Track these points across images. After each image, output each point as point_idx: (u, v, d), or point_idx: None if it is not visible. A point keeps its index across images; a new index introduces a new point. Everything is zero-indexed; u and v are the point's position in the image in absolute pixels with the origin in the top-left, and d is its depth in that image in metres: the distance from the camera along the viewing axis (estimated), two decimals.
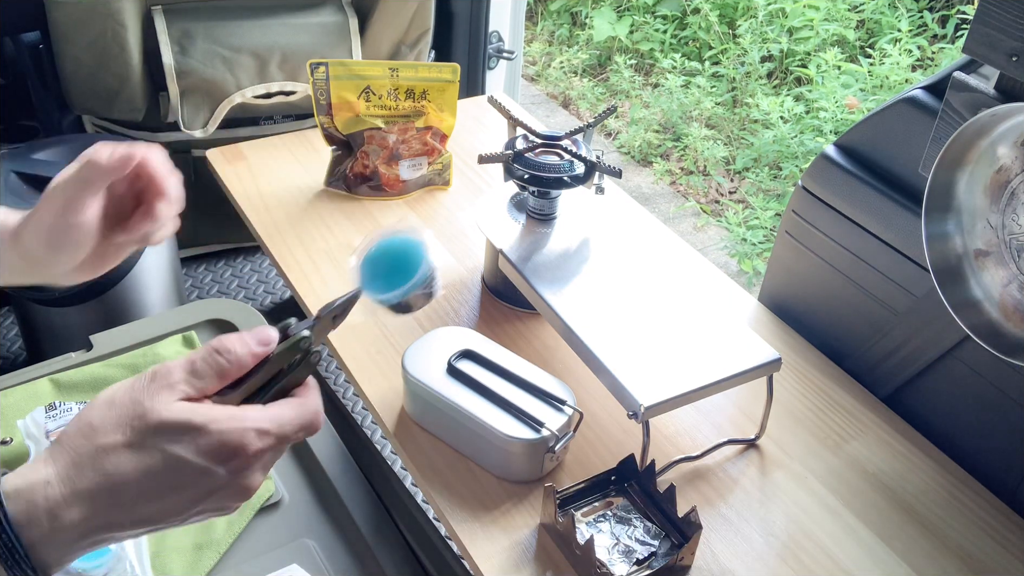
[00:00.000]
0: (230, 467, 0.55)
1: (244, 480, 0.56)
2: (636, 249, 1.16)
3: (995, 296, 0.95)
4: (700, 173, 3.29)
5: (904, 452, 1.10)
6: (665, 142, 3.44)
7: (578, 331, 1.03)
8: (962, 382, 1.09)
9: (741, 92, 3.49)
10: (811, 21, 3.48)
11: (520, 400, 1.01)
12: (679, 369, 1.00)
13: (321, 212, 1.45)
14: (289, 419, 0.58)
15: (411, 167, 1.48)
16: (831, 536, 0.99)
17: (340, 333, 1.21)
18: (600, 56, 3.95)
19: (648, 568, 0.93)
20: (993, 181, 0.93)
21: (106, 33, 1.79)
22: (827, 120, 3.09)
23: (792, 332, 1.27)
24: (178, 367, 0.56)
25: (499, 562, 0.94)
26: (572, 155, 1.17)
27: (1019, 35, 0.89)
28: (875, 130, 1.15)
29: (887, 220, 1.13)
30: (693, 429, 1.10)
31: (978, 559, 0.98)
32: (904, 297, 1.13)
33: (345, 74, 1.41)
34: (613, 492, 1.01)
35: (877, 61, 3.28)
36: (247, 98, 1.93)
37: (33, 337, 1.84)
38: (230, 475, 0.55)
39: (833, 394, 1.18)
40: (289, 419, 0.58)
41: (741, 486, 1.04)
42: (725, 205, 3.13)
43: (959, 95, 0.97)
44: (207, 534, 0.97)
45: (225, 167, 1.54)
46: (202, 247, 2.28)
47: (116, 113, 1.93)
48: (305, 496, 1.04)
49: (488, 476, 1.03)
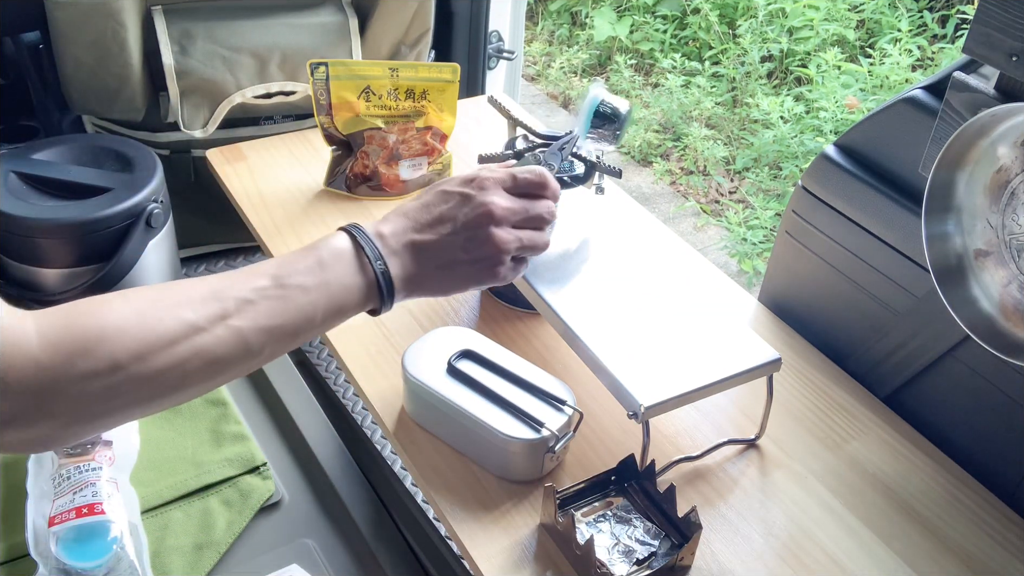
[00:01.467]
0: (471, 184, 0.81)
1: (485, 206, 0.79)
2: (636, 249, 1.16)
3: (995, 296, 0.95)
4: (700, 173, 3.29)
5: (904, 452, 1.10)
6: (665, 142, 3.44)
7: (578, 331, 1.03)
8: (962, 382, 1.09)
9: (741, 92, 3.49)
10: (811, 21, 3.48)
11: (520, 400, 1.01)
12: (679, 369, 1.00)
13: (321, 212, 1.45)
14: (513, 168, 0.85)
15: (411, 167, 1.48)
16: (831, 536, 0.99)
17: (340, 333, 1.21)
18: (600, 56, 3.95)
19: (648, 568, 0.93)
20: (993, 181, 0.93)
21: (106, 33, 1.79)
22: (827, 120, 3.09)
23: (792, 332, 1.27)
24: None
25: (499, 562, 0.94)
26: (572, 155, 1.17)
27: (1019, 35, 0.89)
28: (875, 130, 1.15)
29: (887, 220, 1.13)
30: (693, 429, 1.10)
31: (978, 559, 0.98)
32: (904, 297, 1.13)
33: (345, 74, 1.41)
34: (613, 492, 1.01)
35: (877, 61, 3.28)
36: (247, 98, 1.93)
37: None
38: (472, 195, 0.80)
39: (833, 394, 1.18)
40: (513, 168, 0.85)
41: (741, 486, 1.04)
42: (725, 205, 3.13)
43: (959, 95, 0.97)
44: (207, 534, 0.97)
45: (225, 167, 1.54)
46: (202, 247, 2.27)
47: (116, 113, 1.93)
48: (305, 496, 1.04)
49: (488, 476, 1.03)
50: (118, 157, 1.75)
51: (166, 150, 2.02)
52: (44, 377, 0.61)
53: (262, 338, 0.69)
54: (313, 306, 0.72)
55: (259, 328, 0.69)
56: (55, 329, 0.63)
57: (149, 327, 0.65)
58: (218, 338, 0.67)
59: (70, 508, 0.91)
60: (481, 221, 0.79)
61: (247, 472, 1.03)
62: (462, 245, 0.79)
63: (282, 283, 0.71)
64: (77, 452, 0.97)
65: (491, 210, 0.80)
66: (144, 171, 1.72)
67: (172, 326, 0.66)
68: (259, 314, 0.69)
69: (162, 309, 0.66)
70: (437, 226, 0.79)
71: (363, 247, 0.76)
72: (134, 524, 0.94)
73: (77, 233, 1.63)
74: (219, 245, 2.30)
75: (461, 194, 0.80)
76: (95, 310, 0.65)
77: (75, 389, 0.62)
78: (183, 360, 0.66)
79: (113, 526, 0.90)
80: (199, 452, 1.04)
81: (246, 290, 0.69)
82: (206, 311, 0.67)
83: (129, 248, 1.67)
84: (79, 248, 1.65)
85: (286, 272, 0.72)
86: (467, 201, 0.80)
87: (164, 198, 1.74)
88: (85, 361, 0.62)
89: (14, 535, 0.95)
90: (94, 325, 0.64)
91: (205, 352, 0.67)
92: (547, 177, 0.85)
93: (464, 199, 0.80)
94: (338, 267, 0.74)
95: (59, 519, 0.90)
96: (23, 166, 1.68)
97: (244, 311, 0.68)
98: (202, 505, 1.00)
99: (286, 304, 0.70)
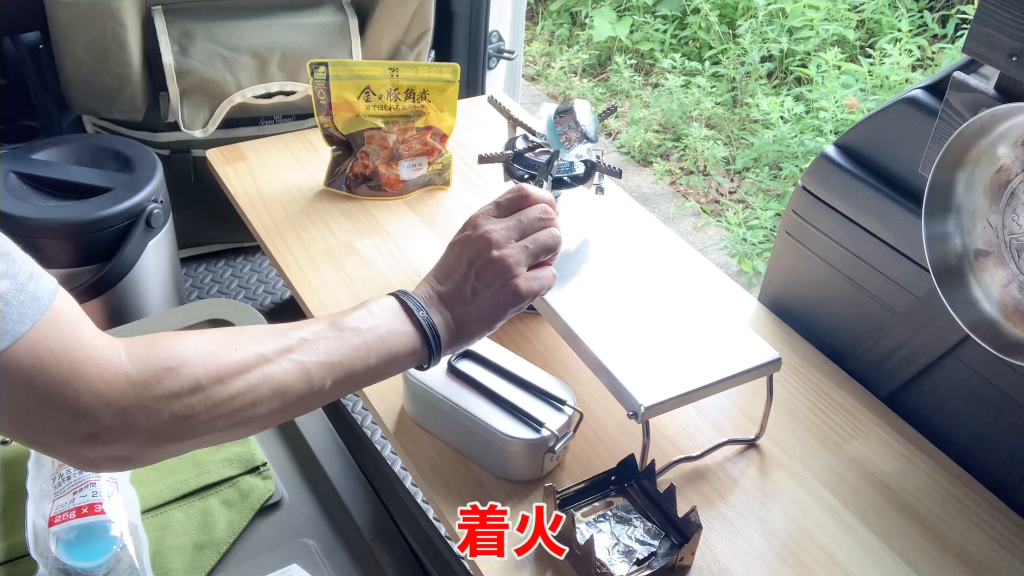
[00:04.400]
0: (466, 228, 0.88)
1: (488, 235, 0.87)
2: (636, 249, 1.16)
3: (995, 296, 0.95)
4: (700, 173, 3.29)
5: (904, 452, 1.10)
6: (665, 142, 3.44)
7: (578, 331, 1.03)
8: (962, 382, 1.09)
9: (741, 92, 3.49)
10: (811, 21, 3.48)
11: (520, 400, 1.01)
12: (679, 369, 1.00)
13: (321, 212, 1.45)
14: (504, 194, 0.91)
15: (411, 167, 1.48)
16: (831, 536, 0.99)
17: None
18: (600, 56, 3.95)
19: (648, 568, 0.93)
20: (993, 181, 0.93)
21: (106, 33, 1.79)
22: (827, 120, 3.09)
23: (792, 332, 1.27)
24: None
25: (499, 562, 0.94)
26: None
27: (1019, 35, 0.89)
28: (875, 130, 1.15)
29: (887, 220, 1.13)
30: (693, 429, 1.10)
31: (978, 559, 0.98)
32: (904, 297, 1.13)
33: (345, 74, 1.41)
34: (613, 492, 1.01)
35: (877, 61, 3.28)
36: (247, 98, 1.93)
37: None
38: (476, 235, 0.87)
39: (833, 394, 1.18)
40: (504, 194, 0.91)
41: (741, 486, 1.04)
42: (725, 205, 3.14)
43: (959, 95, 0.97)
44: (207, 534, 0.97)
45: (225, 167, 1.54)
46: (202, 247, 2.28)
47: (116, 113, 1.93)
48: (305, 496, 1.04)
49: (488, 476, 1.03)
50: (118, 157, 1.75)
51: (166, 150, 2.02)
52: (132, 392, 0.67)
53: (322, 372, 0.77)
54: (367, 347, 0.80)
55: (319, 363, 0.77)
56: (143, 349, 0.69)
57: (226, 355, 0.73)
58: (284, 369, 0.75)
59: (70, 508, 0.91)
60: (482, 250, 0.86)
61: (247, 472, 1.03)
62: (476, 277, 0.86)
63: (338, 326, 0.79)
64: None
65: (487, 236, 0.87)
66: (144, 171, 1.72)
67: (245, 355, 0.73)
68: (319, 351, 0.77)
69: (236, 342, 0.74)
70: (452, 274, 0.87)
71: (406, 301, 0.84)
72: (134, 524, 0.94)
73: (77, 233, 1.63)
74: (219, 245, 2.30)
75: (461, 240, 0.88)
76: (178, 337, 0.72)
77: (159, 406, 0.68)
78: (254, 386, 0.73)
79: (113, 526, 0.90)
80: (199, 452, 1.04)
81: (306, 332, 0.78)
82: (274, 345, 0.76)
83: (129, 248, 1.67)
84: (79, 248, 1.65)
85: (340, 318, 0.80)
86: (467, 242, 0.88)
87: (164, 198, 1.74)
88: (171, 378, 0.68)
89: (14, 535, 0.95)
90: (179, 349, 0.70)
91: (273, 380, 0.74)
92: (525, 189, 0.91)
93: (464, 242, 0.88)
94: (387, 315, 0.83)
95: (59, 519, 0.90)
96: (23, 166, 1.69)
97: (305, 347, 0.77)
98: (202, 505, 1.00)
99: (343, 344, 0.78)
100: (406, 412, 1.09)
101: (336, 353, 0.78)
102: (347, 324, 0.80)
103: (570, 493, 0.99)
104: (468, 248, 0.87)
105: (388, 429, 1.08)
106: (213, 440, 0.74)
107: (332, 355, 0.78)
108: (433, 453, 1.05)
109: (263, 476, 1.04)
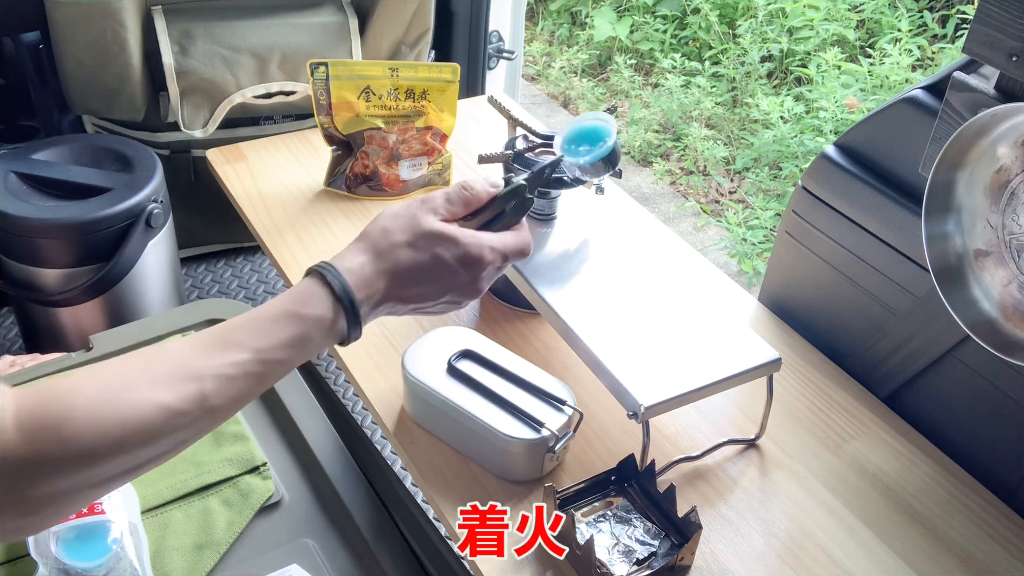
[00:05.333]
0: (470, 271, 0.77)
1: (477, 283, 0.78)
2: (636, 249, 1.16)
3: (995, 296, 0.95)
4: (700, 173, 3.29)
5: (904, 452, 1.10)
6: (665, 142, 3.44)
7: (578, 331, 1.03)
8: (962, 382, 1.09)
9: (741, 92, 3.49)
10: (811, 21, 3.48)
11: (520, 400, 1.01)
12: (679, 369, 1.00)
13: (321, 212, 1.45)
14: (511, 243, 0.80)
15: (411, 167, 1.48)
16: (831, 536, 0.99)
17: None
18: (600, 56, 3.95)
19: (648, 568, 0.93)
20: (993, 181, 0.93)
21: (106, 33, 1.79)
22: (827, 120, 3.09)
23: (792, 332, 1.27)
24: (439, 196, 0.79)
25: (499, 562, 0.94)
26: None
27: (1019, 35, 0.89)
28: (875, 130, 1.15)
29: (887, 220, 1.13)
30: (693, 429, 1.10)
31: (978, 559, 0.98)
32: (904, 297, 1.13)
33: (345, 74, 1.41)
34: (613, 492, 1.01)
35: (877, 61, 3.28)
36: (247, 98, 1.93)
37: (33, 337, 1.84)
38: (468, 276, 0.77)
39: (833, 394, 1.17)
40: (511, 243, 0.80)
41: (741, 486, 1.04)
42: (725, 205, 3.13)
43: (959, 95, 0.97)
44: (207, 534, 0.97)
45: (225, 167, 1.54)
46: (202, 247, 2.28)
47: (116, 113, 1.93)
48: (305, 496, 1.04)
49: (488, 476, 1.03)
50: (118, 157, 1.75)
51: (166, 150, 2.02)
52: (14, 463, 0.58)
53: (232, 409, 0.68)
54: (287, 372, 0.71)
55: (233, 402, 0.67)
56: (29, 412, 0.59)
57: (122, 413, 0.62)
58: (197, 425, 0.65)
59: None
60: (466, 295, 0.80)
61: (247, 472, 1.03)
62: (439, 297, 0.78)
63: (264, 359, 0.68)
64: None
65: (480, 289, 0.80)
66: (144, 171, 1.72)
67: (147, 412, 0.62)
68: (236, 391, 0.67)
69: (135, 389, 0.63)
70: (416, 285, 0.77)
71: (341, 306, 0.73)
72: (134, 524, 0.94)
73: (77, 233, 1.63)
74: (219, 245, 2.30)
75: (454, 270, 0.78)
76: (65, 394, 0.61)
77: (45, 478, 0.60)
78: (162, 452, 0.65)
79: (113, 526, 0.90)
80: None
81: (225, 365, 0.66)
82: (183, 392, 0.64)
83: (129, 248, 1.67)
84: (79, 248, 1.65)
85: (267, 346, 0.68)
86: (457, 281, 0.78)
87: (164, 198, 1.74)
88: (57, 449, 0.59)
89: None
90: (65, 409, 0.60)
91: (183, 441, 0.66)
92: (474, 188, 0.81)
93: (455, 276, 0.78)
94: (317, 330, 0.71)
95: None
96: (23, 166, 1.69)
97: (222, 391, 0.66)
98: (202, 505, 1.00)
99: (263, 381, 0.69)
100: (406, 412, 1.09)
101: (255, 392, 0.69)
102: (274, 356, 0.69)
103: (570, 493, 0.99)
104: (451, 282, 0.77)
105: (388, 429, 1.08)
106: (109, 491, 0.65)
107: (250, 394, 0.68)
108: (433, 453, 1.05)
109: (263, 476, 1.04)
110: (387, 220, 0.78)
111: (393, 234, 0.77)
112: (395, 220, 0.78)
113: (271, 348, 0.69)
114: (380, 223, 0.78)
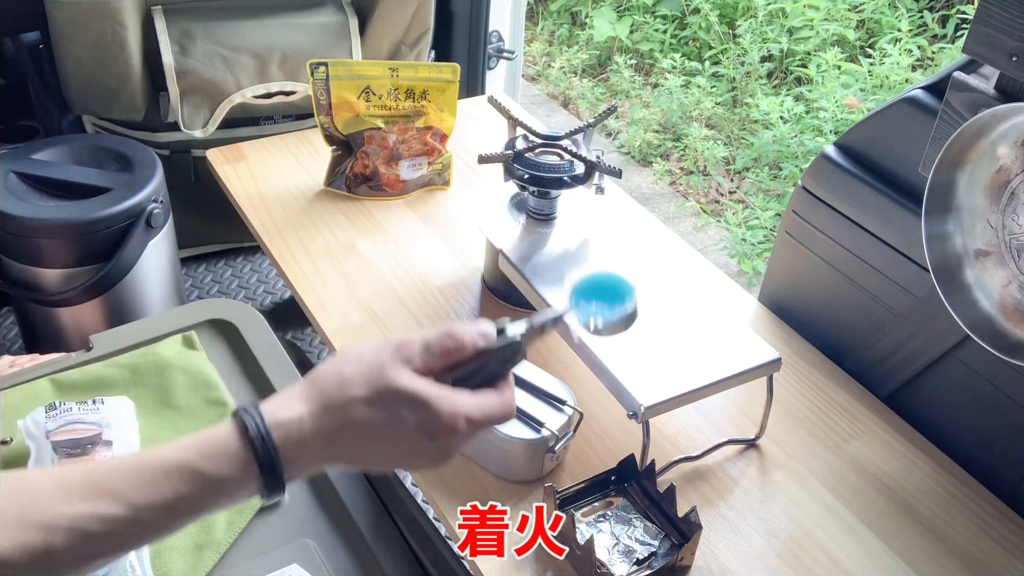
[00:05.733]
0: (438, 442, 0.64)
1: (444, 453, 0.65)
2: (636, 249, 1.16)
3: (995, 296, 0.95)
4: (700, 173, 3.29)
5: (904, 452, 1.10)
6: (665, 142, 3.44)
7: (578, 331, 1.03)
8: (962, 382, 1.09)
9: (741, 92, 3.49)
10: (811, 21, 3.48)
11: (520, 400, 1.01)
12: (679, 369, 1.00)
13: (321, 212, 1.45)
14: (491, 409, 0.66)
15: (411, 167, 1.48)
16: (831, 536, 0.99)
17: (339, 333, 1.21)
18: (600, 56, 3.95)
19: (648, 568, 0.93)
20: (993, 181, 0.93)
21: (106, 33, 1.79)
22: (827, 120, 3.09)
23: (792, 332, 1.27)
24: (416, 343, 0.66)
25: (499, 562, 0.94)
26: (572, 155, 1.17)
27: (1019, 35, 0.89)
28: (875, 130, 1.15)
29: (887, 220, 1.12)
30: (693, 429, 1.10)
31: (978, 559, 0.98)
32: (904, 297, 1.13)
33: (345, 74, 1.41)
34: (613, 492, 1.01)
35: (877, 61, 3.28)
36: (247, 98, 1.93)
37: (33, 337, 1.84)
38: (435, 447, 0.64)
39: (833, 394, 1.17)
40: (491, 409, 0.66)
41: (741, 486, 1.04)
42: (725, 205, 3.14)
43: (959, 95, 0.97)
44: (207, 534, 0.97)
45: (225, 167, 1.54)
46: (202, 247, 2.27)
47: (116, 113, 1.93)
48: (305, 496, 1.04)
49: (488, 476, 1.03)
50: (118, 157, 1.75)
51: (166, 150, 2.02)
52: None
53: (83, 571, 0.59)
54: (167, 536, 0.62)
55: (85, 562, 0.58)
56: None
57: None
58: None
59: None
60: (431, 466, 0.67)
61: None
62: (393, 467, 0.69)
63: (137, 519, 0.58)
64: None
65: (447, 458, 0.66)
66: (144, 171, 1.72)
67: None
68: (91, 551, 0.58)
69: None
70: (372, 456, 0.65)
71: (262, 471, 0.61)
72: None
73: (77, 233, 1.63)
74: (219, 245, 2.30)
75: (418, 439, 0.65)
76: None
77: None
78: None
79: None
80: None
81: (86, 517, 0.56)
82: (24, 541, 0.55)
83: (129, 248, 1.67)
84: (79, 248, 1.65)
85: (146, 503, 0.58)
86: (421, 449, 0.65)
87: (164, 198, 1.74)
88: None
89: None
90: None
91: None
92: (461, 338, 0.66)
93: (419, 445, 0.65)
94: (223, 504, 0.62)
95: None
96: (23, 166, 1.68)
97: (75, 548, 0.56)
98: None
99: (130, 544, 0.61)
100: None
101: (115, 554, 0.60)
102: (153, 518, 0.58)
103: (570, 493, 0.98)
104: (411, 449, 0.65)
105: None
106: None
107: (107, 555, 0.60)
108: None
109: None
110: (348, 365, 0.65)
111: (351, 386, 0.63)
112: (357, 366, 0.64)
113: (150, 507, 0.58)
114: (339, 367, 0.65)
